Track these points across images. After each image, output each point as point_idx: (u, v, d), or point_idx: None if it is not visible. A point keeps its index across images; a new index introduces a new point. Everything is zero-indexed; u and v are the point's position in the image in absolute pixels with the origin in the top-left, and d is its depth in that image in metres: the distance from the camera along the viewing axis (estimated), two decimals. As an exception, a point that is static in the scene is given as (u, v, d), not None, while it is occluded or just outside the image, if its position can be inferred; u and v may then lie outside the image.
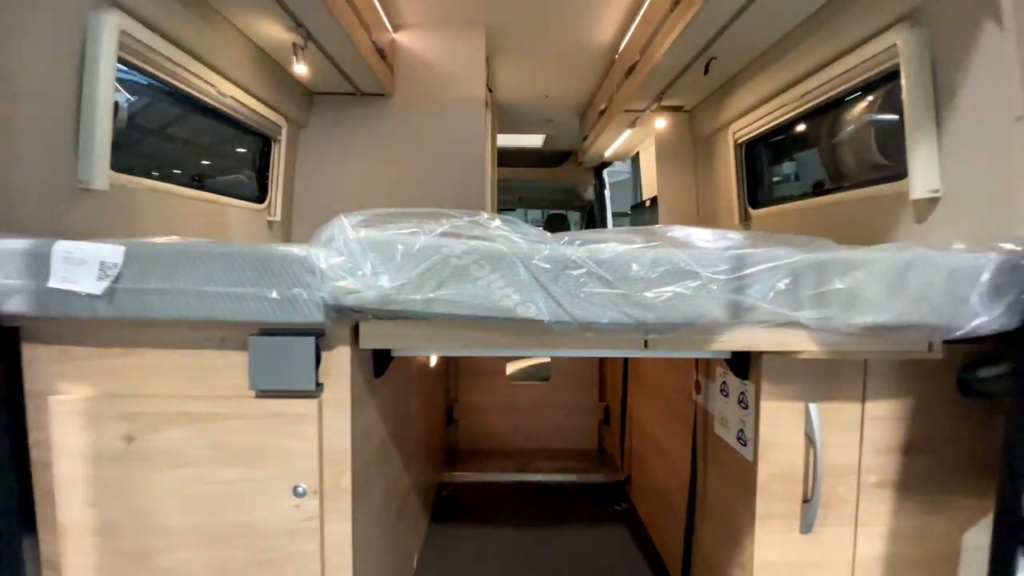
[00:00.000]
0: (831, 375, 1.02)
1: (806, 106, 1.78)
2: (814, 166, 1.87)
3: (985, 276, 0.84)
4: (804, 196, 1.92)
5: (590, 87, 3.10)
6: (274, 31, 1.77)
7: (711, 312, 0.86)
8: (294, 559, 0.90)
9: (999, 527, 0.90)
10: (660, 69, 2.09)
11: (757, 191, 2.26)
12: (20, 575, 0.88)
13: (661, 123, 2.54)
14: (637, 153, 3.76)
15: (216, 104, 1.76)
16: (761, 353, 1.00)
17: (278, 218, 2.24)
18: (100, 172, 1.23)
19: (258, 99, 1.95)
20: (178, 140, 1.75)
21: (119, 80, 1.32)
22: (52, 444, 0.89)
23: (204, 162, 1.84)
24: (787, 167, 2.08)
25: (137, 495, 0.90)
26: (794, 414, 1.02)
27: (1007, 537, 0.89)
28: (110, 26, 1.23)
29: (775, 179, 2.18)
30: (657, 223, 2.92)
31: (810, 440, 1.00)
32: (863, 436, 1.03)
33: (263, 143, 2.17)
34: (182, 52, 1.51)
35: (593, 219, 5.50)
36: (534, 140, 4.70)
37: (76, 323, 0.87)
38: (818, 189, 1.81)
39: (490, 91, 2.74)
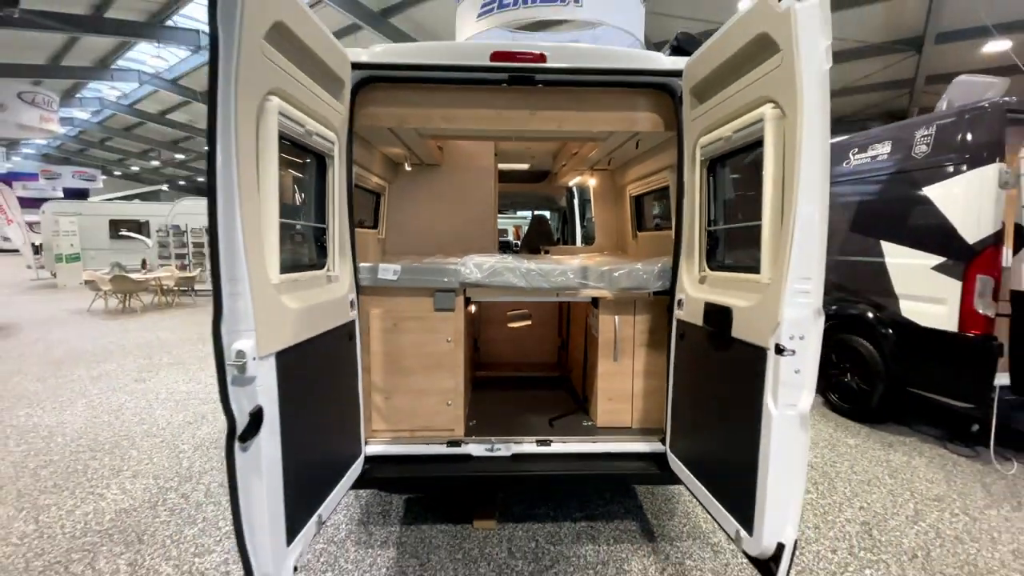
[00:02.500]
0: (622, 305, 2.96)
1: (650, 188, 3.71)
2: (659, 214, 3.81)
3: (655, 271, 2.78)
4: (652, 229, 3.86)
5: (555, 149, 4.97)
6: (396, 150, 3.63)
7: (572, 284, 2.80)
8: (448, 362, 2.85)
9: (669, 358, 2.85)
10: (587, 160, 4.00)
11: (640, 222, 4.21)
12: (353, 370, 2.77)
13: (593, 181, 4.46)
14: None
15: (370, 187, 3.62)
16: (598, 297, 2.94)
17: (383, 237, 4.12)
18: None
19: (381, 178, 3.81)
20: (359, 207, 3.60)
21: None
22: (369, 326, 2.81)
23: (362, 213, 3.70)
24: (649, 213, 4.01)
25: (397, 343, 2.83)
26: (610, 319, 2.96)
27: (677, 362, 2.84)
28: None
29: (646, 218, 4.11)
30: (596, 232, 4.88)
31: (615, 328, 2.95)
32: (635, 327, 2.99)
33: (376, 196, 4.04)
34: (365, 170, 3.37)
35: (565, 219, 7.43)
36: (522, 165, 6.55)
37: (382, 288, 2.77)
38: (657, 227, 3.75)
39: (496, 154, 4.59)
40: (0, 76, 16.45)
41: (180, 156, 33.95)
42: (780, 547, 1.75)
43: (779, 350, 1.70)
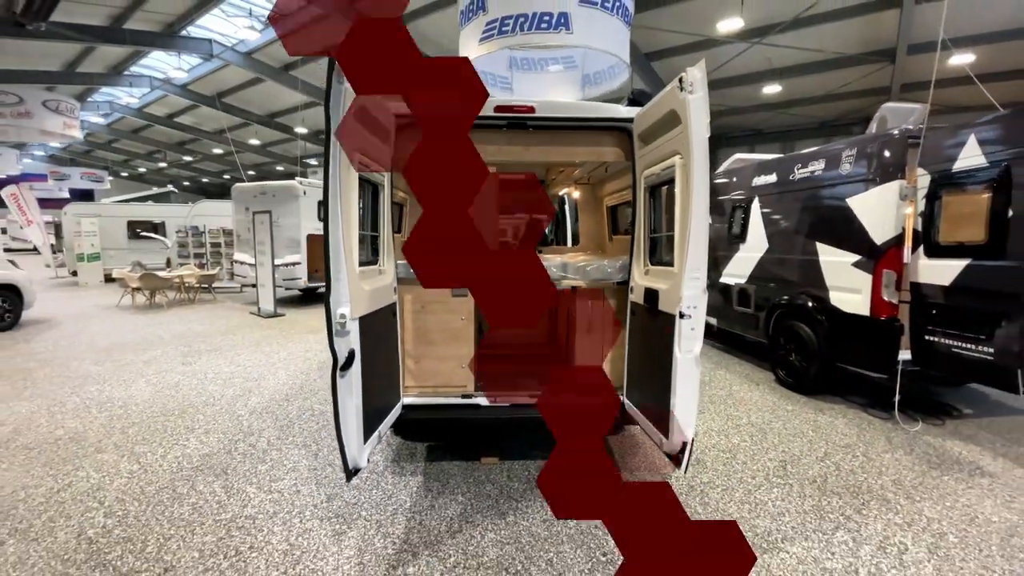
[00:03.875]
0: (594, 292, 3.89)
1: (621, 201, 4.65)
2: (630, 221, 4.75)
3: (617, 266, 3.72)
4: (623, 234, 4.80)
5: (545, 167, 5.91)
6: (417, 171, 4.55)
7: (556, 276, 3.75)
8: (463, 335, 3.79)
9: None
10: (571, 177, 4.94)
11: (615, 227, 5.15)
12: (395, 338, 3.70)
13: (577, 193, 5.40)
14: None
15: (397, 200, 4.55)
16: (576, 286, 3.88)
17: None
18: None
19: (405, 192, 4.73)
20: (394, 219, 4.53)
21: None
22: (404, 307, 3.74)
23: (396, 222, 4.61)
24: (621, 220, 4.95)
25: (424, 320, 3.77)
26: (585, 303, 3.90)
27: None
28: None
29: (619, 224, 5.05)
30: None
31: (589, 310, 3.89)
32: (603, 309, 3.92)
33: (400, 207, 4.96)
34: (394, 187, 4.29)
35: (557, 222, 8.38)
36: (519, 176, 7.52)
37: (413, 279, 3.69)
38: (627, 232, 4.69)
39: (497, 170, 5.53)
40: (23, 82, 17.31)
41: (187, 158, 34.78)
42: (684, 444, 2.69)
43: (681, 316, 2.63)
